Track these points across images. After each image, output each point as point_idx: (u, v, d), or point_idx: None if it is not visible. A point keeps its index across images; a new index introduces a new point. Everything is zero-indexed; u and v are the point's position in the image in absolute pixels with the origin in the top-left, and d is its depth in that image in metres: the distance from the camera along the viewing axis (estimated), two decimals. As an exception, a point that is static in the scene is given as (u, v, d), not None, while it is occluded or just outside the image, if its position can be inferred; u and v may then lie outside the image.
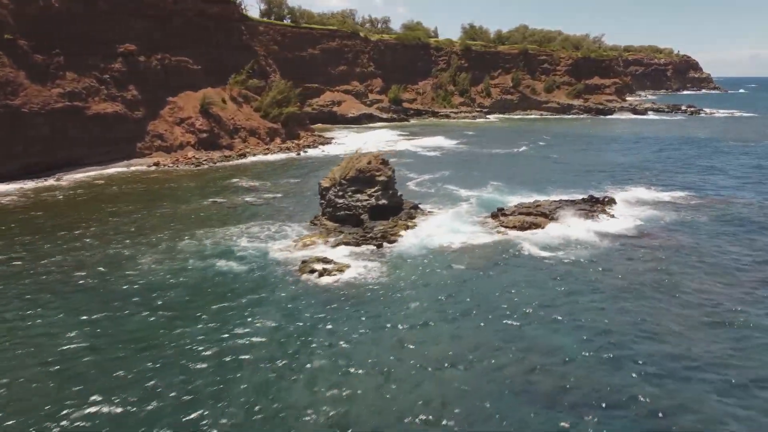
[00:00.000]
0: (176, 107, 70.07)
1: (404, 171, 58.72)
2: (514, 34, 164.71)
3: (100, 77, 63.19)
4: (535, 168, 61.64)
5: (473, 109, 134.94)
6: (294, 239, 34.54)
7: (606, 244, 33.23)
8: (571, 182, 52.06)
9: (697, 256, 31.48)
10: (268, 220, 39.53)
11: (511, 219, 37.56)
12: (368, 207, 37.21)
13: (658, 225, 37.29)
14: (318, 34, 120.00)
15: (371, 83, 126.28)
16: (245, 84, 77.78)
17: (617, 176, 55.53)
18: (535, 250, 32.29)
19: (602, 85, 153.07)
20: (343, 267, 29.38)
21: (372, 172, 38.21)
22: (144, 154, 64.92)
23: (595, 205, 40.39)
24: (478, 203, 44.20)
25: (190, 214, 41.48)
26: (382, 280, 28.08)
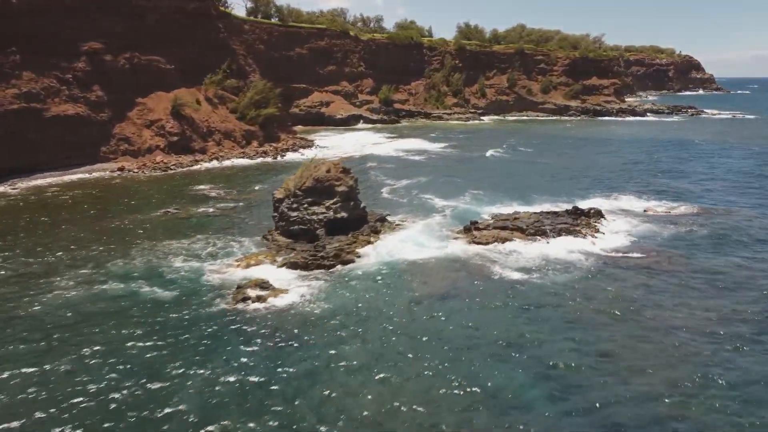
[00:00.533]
0: (146, 109, 66.53)
1: (381, 177, 55.29)
2: (510, 33, 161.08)
3: (61, 77, 59.66)
4: (521, 174, 57.95)
5: (467, 110, 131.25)
6: (238, 258, 30.94)
7: (588, 265, 29.52)
8: (557, 190, 48.38)
9: (691, 283, 27.71)
10: (219, 233, 35.94)
11: (484, 234, 33.91)
12: (325, 221, 33.58)
13: (648, 242, 33.55)
14: (306, 33, 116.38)
15: (361, 84, 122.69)
16: (222, 84, 74.24)
17: (608, 183, 51.83)
18: (506, 272, 28.62)
19: (600, 86, 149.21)
20: (282, 293, 25.75)
21: (331, 181, 34.57)
22: (109, 159, 61.38)
23: (579, 219, 36.70)
24: (453, 215, 40.58)
25: (136, 226, 37.91)
26: (322, 309, 24.42)
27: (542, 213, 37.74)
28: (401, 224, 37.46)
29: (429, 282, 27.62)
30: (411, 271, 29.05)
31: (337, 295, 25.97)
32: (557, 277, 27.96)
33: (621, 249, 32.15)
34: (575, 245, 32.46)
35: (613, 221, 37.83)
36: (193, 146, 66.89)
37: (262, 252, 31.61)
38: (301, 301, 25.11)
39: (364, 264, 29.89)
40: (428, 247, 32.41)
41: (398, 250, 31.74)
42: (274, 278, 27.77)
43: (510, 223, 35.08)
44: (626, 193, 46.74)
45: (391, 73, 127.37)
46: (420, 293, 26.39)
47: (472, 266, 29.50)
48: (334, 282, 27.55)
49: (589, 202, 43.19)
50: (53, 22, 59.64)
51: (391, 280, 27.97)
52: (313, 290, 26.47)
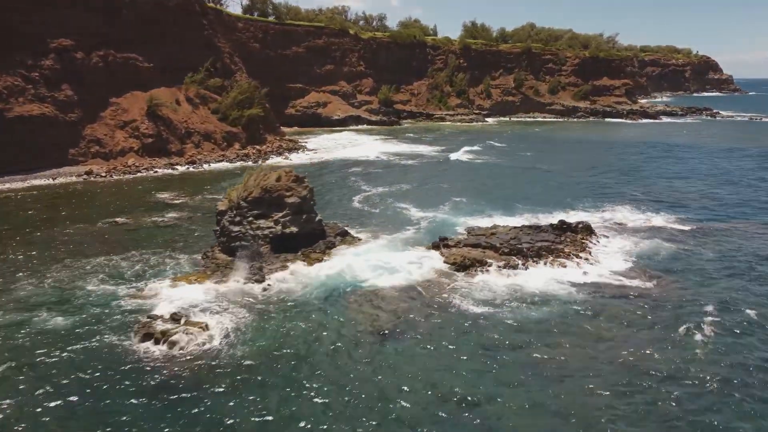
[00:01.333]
0: (120, 109, 63.18)
1: (360, 183, 51.39)
2: (518, 32, 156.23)
3: (27, 75, 56.39)
4: (513, 180, 53.69)
5: (471, 111, 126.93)
6: (166, 279, 27.10)
7: (565, 297, 25.22)
8: (548, 199, 44.08)
9: (692, 323, 23.39)
10: (159, 248, 32.19)
11: (453, 252, 29.78)
12: (271, 236, 29.68)
13: (642, 266, 29.10)
14: (303, 32, 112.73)
15: (360, 84, 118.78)
16: (204, 84, 70.69)
17: (605, 191, 47.41)
18: (468, 304, 24.40)
19: (611, 87, 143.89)
20: (198, 328, 21.83)
21: (280, 191, 30.67)
22: (78, 162, 58.04)
23: (564, 235, 32.41)
24: (427, 228, 36.53)
25: (72, 238, 34.31)
26: (242, 352, 20.44)
27: (523, 227, 33.50)
28: (364, 240, 33.44)
29: (376, 314, 23.58)
30: (358, 299, 25.04)
31: (264, 330, 22.02)
32: (527, 312, 23.69)
33: (608, 275, 27.79)
34: (554, 269, 28.19)
35: (604, 238, 33.51)
36: (169, 148, 63.39)
37: (195, 273, 27.77)
38: (218, 340, 21.14)
39: (306, 289, 25.91)
40: (385, 269, 28.31)
41: (350, 273, 27.72)
42: (198, 306, 23.96)
43: (484, 239, 30.90)
44: (624, 204, 42.32)
45: (392, 72, 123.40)
46: (362, 329, 22.38)
47: (430, 295, 25.37)
48: (265, 312, 23.60)
49: (581, 214, 38.92)
50: (19, 17, 56.43)
51: (333, 310, 23.98)
52: (238, 323, 22.54)
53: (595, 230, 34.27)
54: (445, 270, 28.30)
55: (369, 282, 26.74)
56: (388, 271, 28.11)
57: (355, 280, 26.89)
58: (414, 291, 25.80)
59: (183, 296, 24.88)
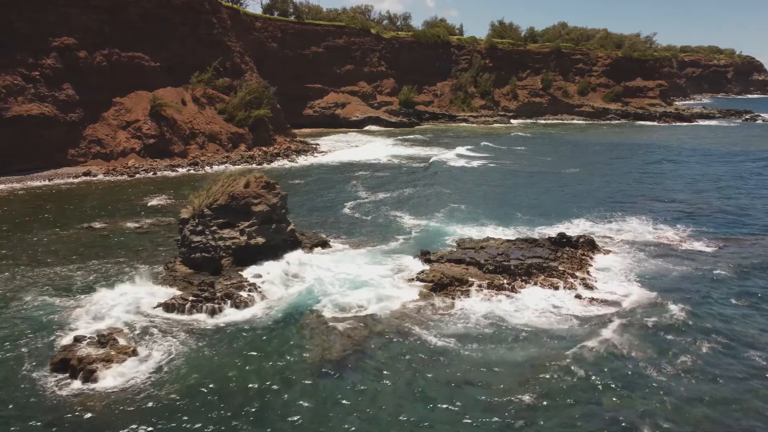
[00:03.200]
0: (123, 109, 62.03)
1: (360, 187, 48.83)
2: (548, 32, 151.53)
3: (27, 74, 55.52)
4: (521, 186, 50.32)
5: (496, 113, 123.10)
6: (117, 292, 24.93)
7: (549, 330, 21.99)
8: (554, 208, 40.76)
9: (696, 365, 20.11)
10: (122, 257, 30.21)
11: (433, 269, 26.91)
12: (234, 248, 27.31)
13: (646, 290, 25.68)
14: (323, 31, 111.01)
15: (381, 84, 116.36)
16: (211, 83, 69.13)
17: (618, 200, 43.77)
18: (432, 333, 21.35)
19: (645, 88, 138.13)
20: (124, 354, 19.53)
21: (247, 199, 28.31)
22: (77, 162, 56.97)
23: (561, 251, 29.21)
24: (417, 237, 33.76)
25: (36, 244, 32.60)
26: (169, 387, 18.02)
27: (517, 241, 30.42)
28: (344, 251, 30.85)
29: (331, 342, 20.91)
30: (317, 323, 22.38)
31: (201, 361, 19.55)
32: (503, 350, 20.58)
33: (604, 300, 24.47)
34: (544, 290, 25.06)
35: (608, 254, 30.16)
36: (172, 149, 61.94)
37: (145, 288, 25.53)
38: (144, 372, 18.74)
39: (261, 310, 23.41)
40: (356, 285, 25.65)
41: (318, 289, 25.19)
42: (137, 326, 21.73)
43: (468, 255, 27.95)
44: (637, 214, 38.65)
45: (414, 73, 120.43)
46: (311, 359, 19.79)
47: (396, 320, 22.51)
48: (208, 337, 21.16)
49: (587, 226, 35.62)
50: (20, 16, 55.64)
51: (286, 335, 21.42)
52: (173, 350, 20.14)
53: (599, 245, 31.00)
54: (420, 288, 25.46)
55: (335, 301, 24.09)
56: (359, 287, 25.44)
57: (321, 299, 24.28)
58: (380, 314, 23.00)
59: (122, 313, 22.69)
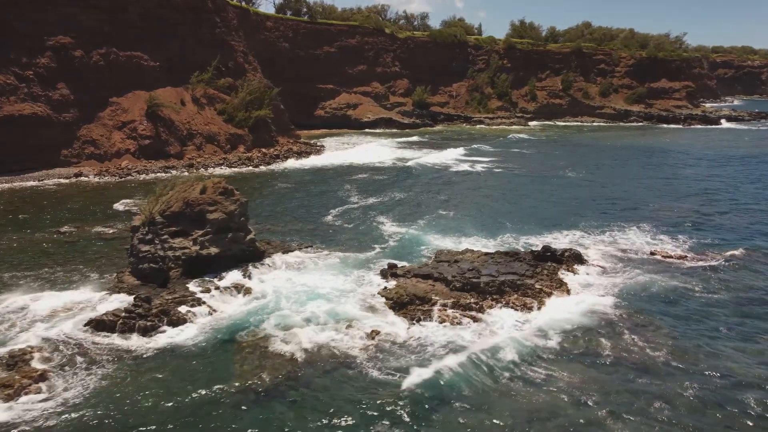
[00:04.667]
0: (120, 109, 61.00)
1: (352, 192, 46.85)
2: (570, 32, 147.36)
3: (20, 74, 54.82)
4: (522, 192, 47.62)
5: (513, 114, 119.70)
6: (51, 305, 23.31)
7: (526, 356, 19.62)
8: (547, 215, 38.18)
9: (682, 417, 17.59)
10: (77, 264, 28.69)
11: (399, 285, 24.72)
12: (184, 258, 25.49)
13: (624, 313, 23.10)
14: (336, 31, 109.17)
15: (394, 85, 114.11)
16: (212, 83, 67.79)
17: (619, 208, 40.87)
18: (375, 364, 19.05)
19: (670, 89, 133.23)
20: (29, 379, 17.77)
21: (202, 206, 26.48)
22: (70, 163, 56.06)
23: (542, 266, 26.70)
24: (394, 247, 31.60)
25: (5, 250, 31.30)
26: (73, 421, 16.28)
27: (496, 254, 27.97)
28: (310, 261, 28.80)
29: (264, 367, 18.97)
30: (256, 343, 20.49)
31: (114, 389, 17.70)
32: (447, 387, 18.36)
33: (587, 321, 21.96)
34: (515, 312, 22.61)
35: (594, 269, 27.54)
36: (168, 150, 60.69)
37: (82, 301, 23.85)
38: (48, 401, 17.01)
39: (199, 328, 21.50)
40: (308, 303, 23.56)
41: (264, 307, 23.24)
42: (62, 344, 20.06)
43: (438, 270, 25.65)
44: (638, 223, 35.82)
45: (429, 73, 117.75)
46: (238, 386, 17.94)
47: (342, 344, 20.39)
48: (131, 361, 19.34)
49: (579, 236, 32.99)
50: (15, 14, 54.94)
51: (214, 362, 19.50)
52: (88, 377, 18.32)
53: (587, 259, 28.42)
54: (378, 306, 23.30)
55: (281, 319, 22.09)
56: (314, 302, 23.40)
57: (267, 316, 22.35)
58: (325, 336, 20.90)
59: (48, 329, 21.02)
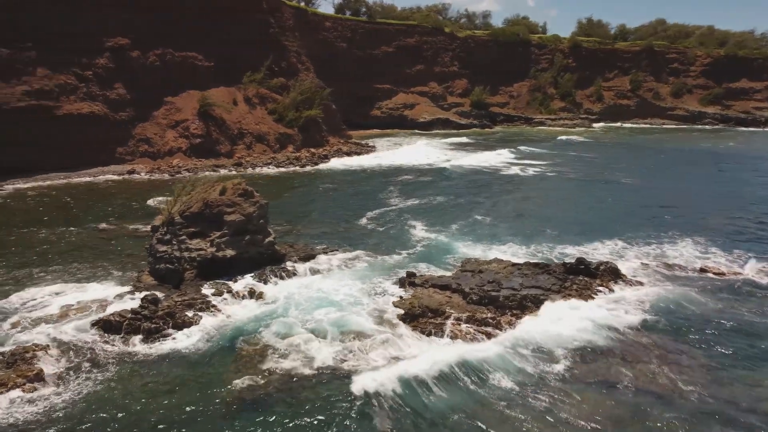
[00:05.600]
0: (174, 108, 62.48)
1: (392, 194, 45.99)
2: (642, 29, 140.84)
3: (80, 74, 57.00)
4: (571, 197, 45.28)
5: (577, 116, 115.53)
6: (71, 305, 23.56)
7: (533, 384, 18.14)
8: (592, 224, 35.88)
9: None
10: (104, 261, 29.06)
11: (414, 295, 23.56)
12: (199, 260, 25.25)
13: (667, 334, 21.01)
14: (394, 30, 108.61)
15: (452, 85, 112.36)
16: (265, 83, 68.46)
17: (676, 216, 37.94)
18: (371, 381, 17.96)
19: (751, 90, 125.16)
20: (24, 378, 17.79)
21: (221, 207, 26.18)
22: (125, 161, 57.77)
23: (573, 279, 24.82)
24: (421, 253, 30.40)
25: (34, 243, 32.25)
26: (63, 425, 16.17)
27: (524, 265, 26.25)
28: (331, 266, 28.02)
29: (253, 380, 18.22)
30: (256, 352, 19.71)
31: (106, 394, 17.46)
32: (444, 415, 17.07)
33: (594, 345, 20.07)
34: (537, 330, 20.89)
35: (633, 285, 25.37)
36: (218, 149, 61.68)
37: (98, 300, 23.97)
38: (41, 401, 16.97)
39: (203, 333, 21.07)
40: (318, 310, 22.75)
41: (272, 313, 22.58)
42: (67, 343, 20.13)
43: (456, 280, 24.28)
44: (694, 236, 32.99)
45: (489, 73, 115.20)
46: (229, 398, 17.26)
47: (339, 357, 19.36)
48: (132, 365, 19.09)
49: (623, 248, 30.71)
50: (75, 17, 57.13)
51: (211, 369, 18.88)
52: (85, 378, 18.20)
53: (625, 273, 26.24)
54: (390, 317, 22.20)
55: (285, 327, 21.33)
56: (324, 310, 22.57)
57: (272, 322, 21.63)
58: (326, 347, 20.00)
59: (58, 327, 21.16)
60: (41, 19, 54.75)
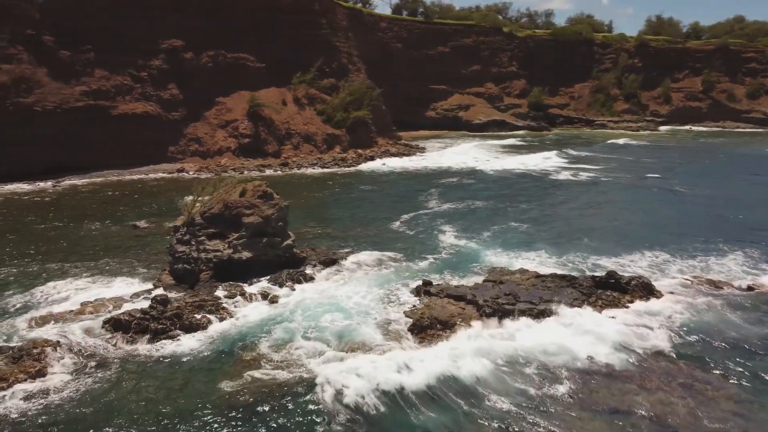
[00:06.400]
0: (224, 108, 63.79)
1: (431, 197, 45.16)
2: (717, 27, 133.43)
3: (136, 75, 59.04)
4: (614, 204, 43.04)
5: (641, 118, 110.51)
6: (89, 302, 24.04)
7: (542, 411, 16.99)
8: (635, 233, 33.73)
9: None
10: (133, 258, 29.77)
11: (427, 304, 22.68)
12: (215, 261, 25.25)
13: (691, 360, 19.29)
14: (451, 30, 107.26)
15: (510, 85, 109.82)
16: (314, 84, 68.82)
17: (730, 227, 35.14)
18: (354, 397, 17.18)
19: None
20: (26, 374, 18.14)
21: (239, 209, 26.12)
22: (176, 159, 59.39)
23: (599, 294, 23.23)
24: (446, 260, 29.43)
25: (74, 237, 33.45)
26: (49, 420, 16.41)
27: (549, 277, 24.84)
28: (351, 271, 27.49)
29: (236, 389, 17.84)
30: (245, 362, 19.25)
31: (102, 394, 17.50)
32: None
33: (624, 376, 18.53)
34: (548, 349, 19.55)
35: (665, 301, 23.49)
36: (266, 149, 62.48)
37: (117, 297, 24.33)
38: (41, 396, 17.27)
39: (204, 337, 20.91)
40: (324, 317, 22.23)
41: (279, 318, 22.21)
42: (76, 341, 20.45)
43: (472, 291, 23.19)
44: (746, 249, 30.43)
45: (549, 74, 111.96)
46: (214, 405, 16.98)
47: (329, 371, 18.56)
48: (133, 365, 19.13)
49: (663, 261, 28.65)
50: (132, 20, 59.14)
51: (202, 375, 18.60)
52: (86, 379, 18.30)
53: (660, 288, 24.36)
54: (397, 328, 21.41)
55: (286, 334, 20.91)
56: (330, 317, 22.04)
57: (275, 328, 21.29)
58: (323, 355, 19.41)
59: (69, 324, 21.57)
60: (100, 24, 56.98)
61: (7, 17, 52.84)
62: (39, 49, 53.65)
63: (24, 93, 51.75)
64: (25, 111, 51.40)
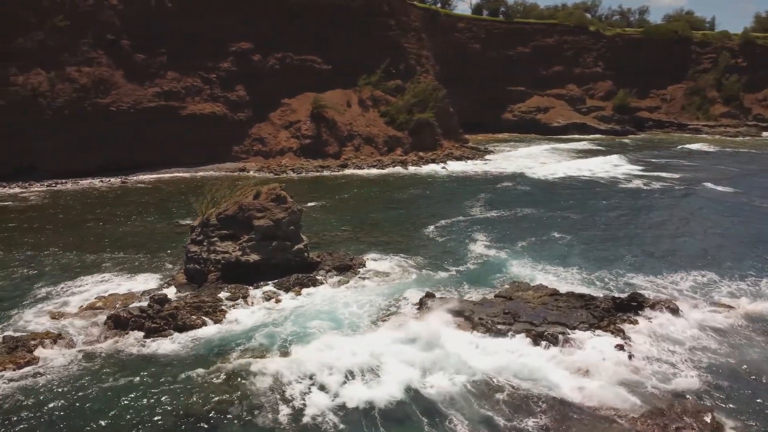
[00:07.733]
0: (289, 110, 64.95)
1: (478, 203, 43.79)
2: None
3: (205, 76, 61.34)
4: (673, 218, 39.30)
5: (742, 123, 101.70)
6: (102, 297, 24.98)
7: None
8: (678, 252, 30.86)
9: None
10: (164, 254, 30.77)
11: (423, 318, 21.65)
12: (223, 262, 25.44)
13: (707, 399, 17.12)
14: (531, 30, 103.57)
15: (594, 87, 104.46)
16: (380, 85, 68.61)
17: None
18: (321, 409, 16.54)
19: None
20: (12, 363, 18.97)
21: (251, 211, 26.19)
22: (240, 158, 61.15)
23: (615, 318, 21.18)
24: (469, 271, 28.29)
25: (118, 232, 35.09)
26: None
27: (564, 295, 22.95)
28: (364, 279, 26.85)
29: (206, 393, 17.75)
30: (221, 368, 19.05)
31: (78, 390, 17.97)
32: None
33: (615, 418, 16.67)
34: (511, 376, 17.98)
35: (693, 329, 21.04)
36: (327, 150, 62.95)
37: (129, 293, 25.08)
38: (33, 384, 18.07)
39: (194, 339, 21.03)
40: (312, 325, 21.75)
41: (269, 324, 21.98)
42: (75, 334, 21.31)
43: (470, 306, 21.85)
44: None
45: (639, 74, 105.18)
46: (185, 411, 16.99)
47: (304, 383, 18.21)
48: (119, 363, 19.53)
49: (707, 282, 25.84)
50: (204, 23, 61.39)
51: (179, 377, 18.61)
52: (70, 375, 18.82)
53: (684, 313, 21.90)
54: (380, 334, 20.53)
55: (268, 340, 20.63)
56: (317, 326, 21.56)
57: (256, 334, 21.07)
58: (292, 363, 18.90)
59: (75, 319, 22.45)
60: (173, 27, 59.57)
61: (93, 23, 56.53)
62: (117, 53, 56.96)
63: (102, 94, 55.13)
64: (102, 111, 54.74)
